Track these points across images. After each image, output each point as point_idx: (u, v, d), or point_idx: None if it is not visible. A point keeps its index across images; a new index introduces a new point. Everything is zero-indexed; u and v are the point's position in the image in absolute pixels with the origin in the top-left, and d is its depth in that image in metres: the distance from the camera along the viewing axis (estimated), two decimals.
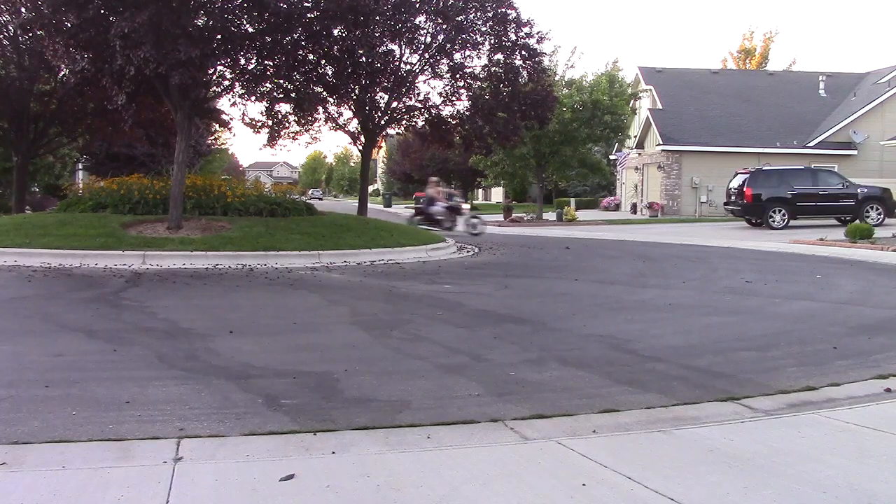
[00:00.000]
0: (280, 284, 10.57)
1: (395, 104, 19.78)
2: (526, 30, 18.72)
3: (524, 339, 6.68)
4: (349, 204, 47.07)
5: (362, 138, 20.80)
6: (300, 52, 15.49)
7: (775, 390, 4.89)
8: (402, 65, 18.91)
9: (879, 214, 23.33)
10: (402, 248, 14.89)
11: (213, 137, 38.47)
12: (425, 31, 18.60)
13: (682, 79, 37.56)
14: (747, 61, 53.32)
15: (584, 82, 30.68)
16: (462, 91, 19.61)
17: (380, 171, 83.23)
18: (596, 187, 48.97)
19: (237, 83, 16.06)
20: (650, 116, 35.53)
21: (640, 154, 38.12)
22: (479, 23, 18.57)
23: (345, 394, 4.81)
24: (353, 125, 20.97)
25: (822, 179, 24.05)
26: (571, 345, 6.47)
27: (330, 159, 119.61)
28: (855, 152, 32.46)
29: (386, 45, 17.86)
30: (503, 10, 18.29)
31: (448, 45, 18.68)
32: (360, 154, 20.35)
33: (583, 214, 35.22)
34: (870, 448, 3.73)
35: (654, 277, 11.58)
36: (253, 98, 16.82)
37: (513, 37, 18.67)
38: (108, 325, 7.33)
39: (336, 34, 15.51)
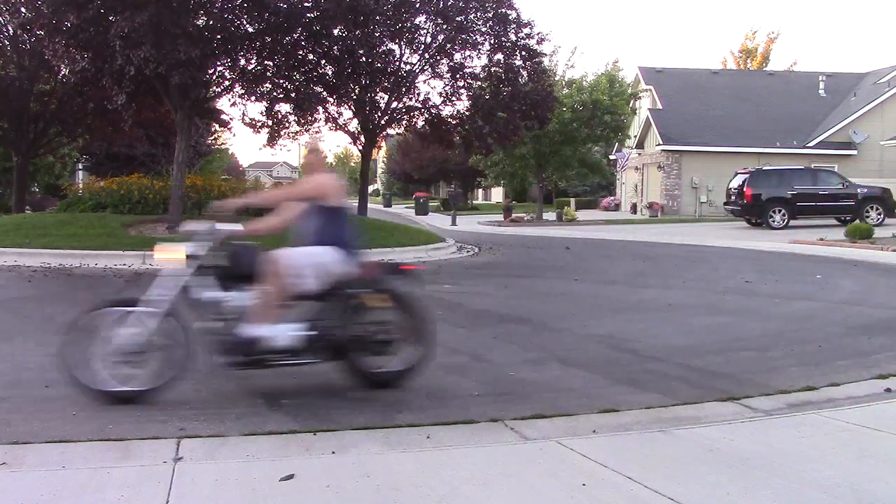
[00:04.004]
0: None
1: (395, 104, 19.78)
2: (526, 30, 18.74)
3: (524, 339, 6.68)
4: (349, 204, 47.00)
5: (362, 138, 20.80)
6: (300, 52, 15.49)
7: (775, 390, 4.89)
8: (403, 65, 18.92)
9: (879, 214, 23.30)
10: (402, 248, 14.88)
11: (213, 137, 38.42)
12: (425, 31, 18.60)
13: (682, 79, 37.54)
14: (749, 61, 53.29)
15: (584, 82, 30.67)
16: (462, 91, 19.61)
17: (380, 171, 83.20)
18: (596, 187, 48.92)
19: (237, 83, 16.07)
20: (650, 116, 35.51)
21: (640, 154, 38.10)
22: (480, 23, 18.57)
23: (345, 394, 4.81)
24: (353, 125, 20.98)
25: (822, 179, 24.03)
26: (571, 345, 6.47)
27: (330, 159, 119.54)
28: (855, 152, 32.44)
29: (386, 45, 17.85)
30: (503, 10, 18.30)
31: (448, 46, 18.68)
32: (360, 154, 20.36)
33: (583, 214, 35.21)
34: (870, 448, 3.73)
35: (654, 277, 11.58)
36: (253, 98, 16.84)
37: (513, 37, 18.67)
38: None
39: (336, 34, 15.51)
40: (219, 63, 15.14)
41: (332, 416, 4.33)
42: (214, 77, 15.88)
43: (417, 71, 19.31)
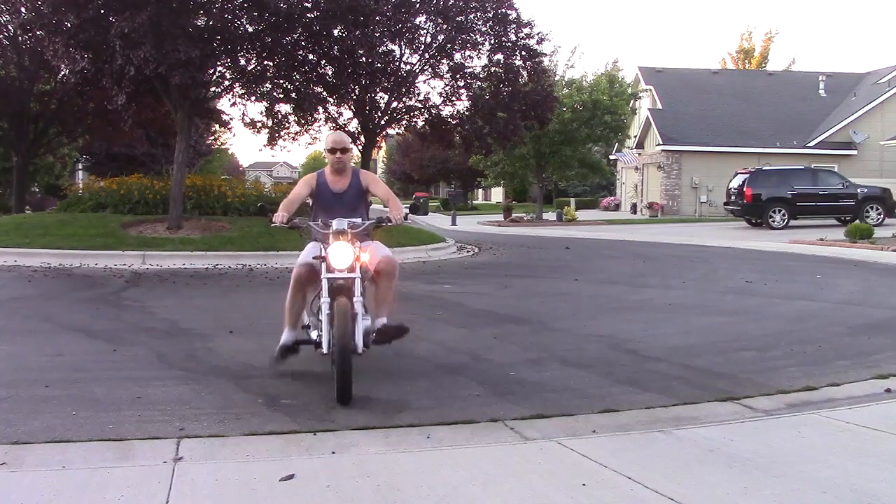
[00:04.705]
0: (280, 284, 10.53)
1: (395, 104, 19.77)
2: (526, 30, 18.74)
3: (524, 339, 6.68)
4: None
5: (362, 138, 20.79)
6: (300, 52, 15.49)
7: (775, 390, 4.88)
8: (403, 65, 18.91)
9: (879, 214, 23.32)
10: (402, 248, 14.85)
11: (213, 137, 38.46)
12: (425, 31, 18.60)
13: (682, 79, 37.56)
14: (746, 61, 53.32)
15: (584, 82, 30.68)
16: (462, 91, 19.61)
17: (380, 171, 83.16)
18: (596, 187, 48.96)
19: (237, 83, 16.07)
20: (650, 116, 35.53)
21: (640, 154, 38.13)
22: (480, 23, 18.57)
23: None
24: (354, 125, 20.96)
25: (822, 179, 24.06)
26: (571, 345, 6.47)
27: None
28: (855, 152, 32.45)
29: (386, 45, 17.85)
30: (503, 10, 18.30)
31: (448, 46, 18.67)
32: (360, 154, 20.36)
33: (583, 214, 35.22)
34: (870, 448, 3.72)
35: (654, 277, 11.58)
36: (253, 98, 16.83)
37: (513, 37, 18.68)
38: (108, 325, 7.33)
39: (336, 34, 15.51)
40: (219, 63, 15.14)
41: (332, 416, 4.33)
42: (214, 77, 15.88)
43: (417, 71, 19.31)
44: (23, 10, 15.07)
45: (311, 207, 5.52)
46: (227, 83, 16.31)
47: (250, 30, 14.67)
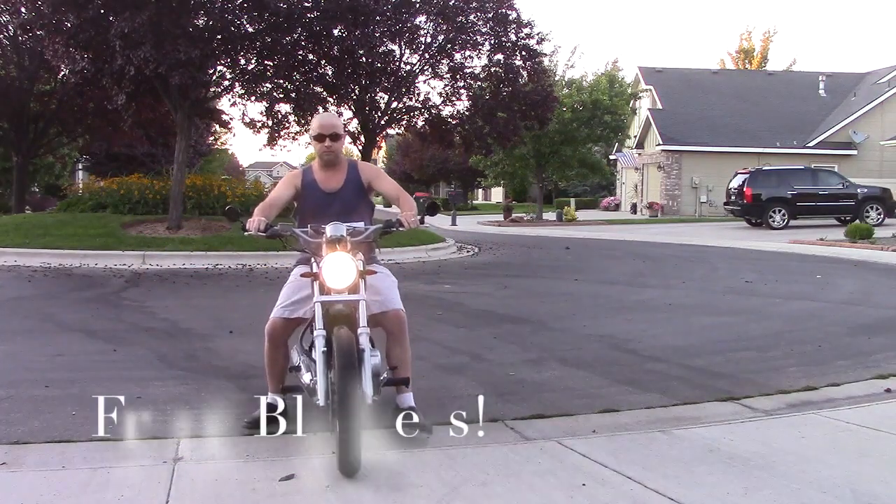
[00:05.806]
0: (280, 284, 10.54)
1: (395, 104, 19.77)
2: (526, 30, 18.73)
3: (524, 339, 6.68)
4: None
5: (362, 138, 20.78)
6: (300, 52, 15.50)
7: (775, 390, 4.88)
8: (402, 65, 18.90)
9: (879, 214, 23.32)
10: (402, 248, 14.87)
11: (213, 137, 38.42)
12: (425, 31, 18.60)
13: (682, 79, 37.55)
14: (746, 62, 53.31)
15: (584, 82, 30.69)
16: (462, 91, 19.61)
17: None
18: (596, 187, 48.97)
19: (237, 83, 16.07)
20: (650, 116, 35.52)
21: (640, 154, 38.13)
22: (480, 23, 18.57)
23: None
24: (353, 125, 20.96)
25: (822, 179, 24.07)
26: (571, 345, 6.47)
27: None
28: (855, 152, 32.44)
29: (386, 46, 17.85)
30: (503, 10, 18.30)
31: (448, 46, 18.67)
32: (360, 154, 20.35)
33: (583, 214, 35.22)
34: (870, 448, 3.72)
35: (654, 277, 11.58)
36: (253, 98, 16.84)
37: (513, 37, 18.67)
38: (108, 325, 7.33)
39: (336, 34, 15.51)
40: (219, 63, 15.15)
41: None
42: (214, 77, 15.88)
43: (417, 71, 19.31)
44: (23, 10, 15.07)
45: (296, 214, 4.40)
46: (227, 83, 16.32)
47: (250, 30, 14.68)
